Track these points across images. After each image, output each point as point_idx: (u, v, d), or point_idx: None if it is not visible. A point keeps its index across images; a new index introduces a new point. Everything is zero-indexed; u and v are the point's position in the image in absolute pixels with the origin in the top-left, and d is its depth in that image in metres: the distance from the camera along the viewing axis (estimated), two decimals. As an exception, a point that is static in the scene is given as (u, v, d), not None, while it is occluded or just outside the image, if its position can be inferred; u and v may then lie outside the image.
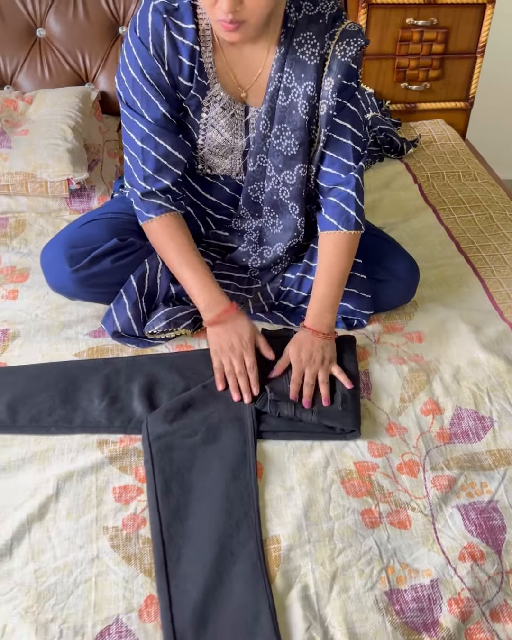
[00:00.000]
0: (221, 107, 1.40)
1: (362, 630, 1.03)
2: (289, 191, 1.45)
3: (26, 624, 1.02)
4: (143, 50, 1.32)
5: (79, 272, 1.46)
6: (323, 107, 1.36)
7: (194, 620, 1.02)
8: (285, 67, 1.34)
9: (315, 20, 1.31)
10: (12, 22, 2.11)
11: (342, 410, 1.31)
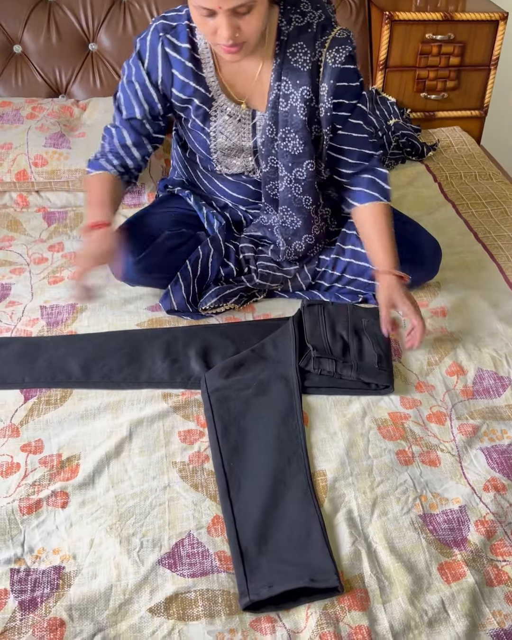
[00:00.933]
0: (227, 115, 1.57)
1: (401, 545, 1.19)
2: (301, 186, 1.61)
3: (111, 537, 1.19)
4: (137, 63, 1.54)
5: (141, 263, 1.64)
6: (322, 110, 1.52)
7: (255, 535, 1.18)
8: (282, 75, 1.50)
9: (304, 31, 1.47)
10: (67, 37, 2.33)
11: (378, 368, 1.47)
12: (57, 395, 1.45)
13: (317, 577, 1.12)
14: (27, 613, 1.09)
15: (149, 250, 1.65)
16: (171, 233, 1.69)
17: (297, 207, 1.65)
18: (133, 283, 1.72)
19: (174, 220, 1.73)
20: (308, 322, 1.58)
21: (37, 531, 1.20)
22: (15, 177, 1.99)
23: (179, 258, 1.67)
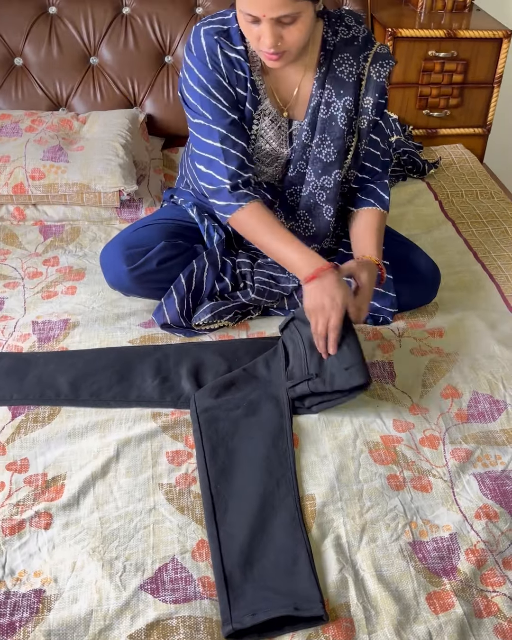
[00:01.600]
0: (270, 119, 1.59)
1: (389, 573, 1.16)
2: (326, 194, 1.63)
3: (94, 560, 1.17)
4: (202, 67, 1.50)
5: (135, 271, 1.62)
6: (364, 122, 1.57)
7: (241, 560, 1.16)
8: (325, 84, 1.54)
9: (350, 43, 1.52)
10: (68, 50, 2.33)
11: (346, 371, 1.41)
12: (45, 412, 1.43)
13: (302, 605, 1.10)
14: (5, 638, 1.07)
15: (143, 260, 1.63)
16: (167, 244, 1.67)
17: (315, 215, 1.66)
18: (127, 292, 1.71)
19: (172, 232, 1.72)
20: (288, 341, 1.55)
21: (19, 553, 1.18)
22: (12, 190, 1.98)
23: (173, 269, 1.66)
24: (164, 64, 2.38)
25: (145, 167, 2.22)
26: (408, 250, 1.75)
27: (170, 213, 1.79)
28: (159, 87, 2.37)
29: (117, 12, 2.33)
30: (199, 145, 1.57)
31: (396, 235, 1.80)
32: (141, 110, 2.39)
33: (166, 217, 1.77)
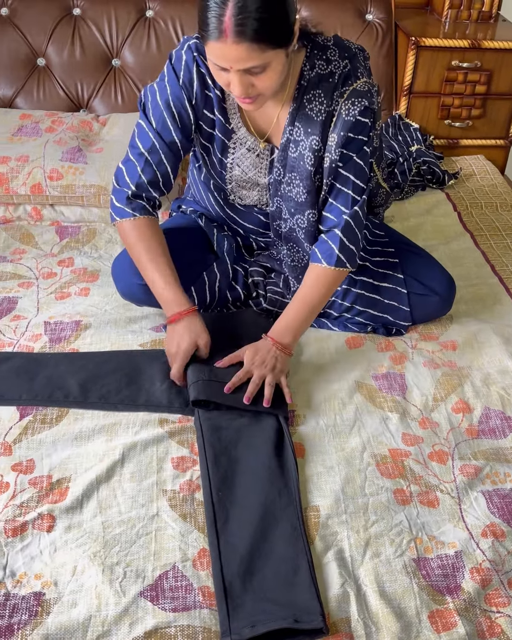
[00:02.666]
0: (246, 149, 1.54)
1: (392, 589, 1.15)
2: (303, 232, 1.58)
3: (94, 565, 1.16)
4: (173, 80, 1.47)
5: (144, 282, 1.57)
6: (327, 160, 1.47)
7: (241, 570, 1.15)
8: (295, 121, 1.46)
9: (326, 79, 1.42)
10: (91, 52, 2.34)
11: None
12: (53, 414, 1.43)
13: (302, 617, 1.09)
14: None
15: None
16: (178, 255, 1.64)
17: (299, 247, 1.63)
18: (138, 303, 1.70)
19: (183, 242, 1.70)
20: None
21: (21, 555, 1.18)
22: (30, 190, 1.99)
23: (184, 280, 1.63)
24: (186, 67, 2.37)
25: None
26: (424, 263, 1.73)
27: (180, 222, 1.77)
28: (180, 90, 2.37)
29: (141, 15, 2.34)
30: (131, 142, 1.54)
31: (412, 247, 1.77)
32: (161, 113, 2.38)
33: (176, 227, 1.75)
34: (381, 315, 1.67)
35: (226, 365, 1.48)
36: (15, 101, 2.35)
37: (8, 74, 2.34)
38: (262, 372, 1.45)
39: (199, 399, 1.42)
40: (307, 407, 1.47)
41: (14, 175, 1.99)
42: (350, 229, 1.50)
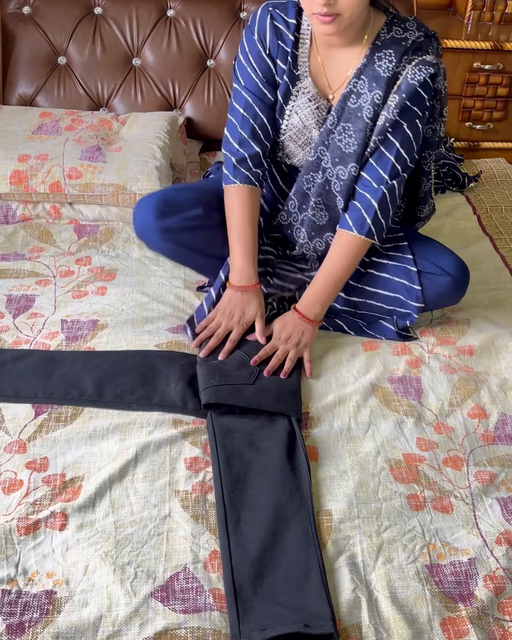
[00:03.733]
0: (308, 98, 1.57)
1: (404, 595, 1.14)
2: (340, 185, 1.58)
3: (106, 565, 1.16)
4: (249, 37, 1.57)
5: (163, 226, 1.64)
6: (382, 118, 1.50)
7: (252, 573, 1.15)
8: (362, 75, 1.50)
9: (399, 42, 1.48)
10: (111, 51, 2.34)
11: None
12: (68, 412, 1.43)
13: (312, 622, 1.08)
14: (13, 637, 1.07)
15: (173, 220, 1.64)
16: (203, 214, 1.67)
17: (328, 204, 1.63)
18: (150, 245, 1.73)
19: (212, 202, 1.70)
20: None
21: (33, 553, 1.18)
22: (49, 188, 2.00)
23: (199, 235, 1.68)
24: (205, 67, 2.38)
25: (182, 169, 2.22)
26: (434, 246, 1.71)
27: (212, 184, 1.78)
28: (199, 90, 2.37)
29: (162, 14, 2.34)
30: (230, 109, 1.63)
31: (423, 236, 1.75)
32: (181, 113, 2.39)
33: (210, 187, 1.76)
34: (393, 295, 1.65)
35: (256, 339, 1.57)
36: (35, 99, 2.36)
37: (29, 73, 2.35)
38: (287, 347, 1.54)
39: (210, 402, 1.42)
40: (321, 410, 1.47)
41: (33, 173, 2.00)
42: (385, 202, 1.54)
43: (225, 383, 1.44)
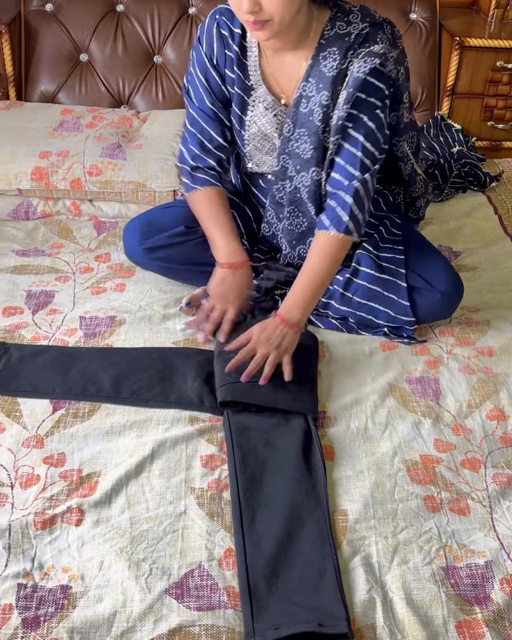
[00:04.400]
0: (264, 107, 1.57)
1: (419, 597, 1.13)
2: (306, 192, 1.58)
3: (121, 561, 1.17)
4: (197, 48, 1.57)
5: (146, 246, 1.71)
6: (335, 117, 1.48)
7: (266, 571, 1.15)
8: (309, 77, 1.49)
9: (342, 38, 1.44)
10: (133, 48, 2.35)
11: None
12: (85, 408, 1.44)
13: (327, 622, 1.08)
14: (29, 631, 1.08)
15: (156, 240, 1.71)
16: (185, 230, 1.71)
17: (302, 211, 1.63)
18: (140, 265, 1.79)
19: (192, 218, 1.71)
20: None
21: (49, 547, 1.19)
22: (70, 185, 2.01)
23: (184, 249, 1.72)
24: (227, 65, 2.37)
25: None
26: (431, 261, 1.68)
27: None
28: (220, 88, 2.37)
29: (183, 12, 2.34)
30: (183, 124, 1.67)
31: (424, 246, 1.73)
32: (201, 110, 2.38)
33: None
34: (383, 310, 1.64)
35: (234, 348, 1.48)
36: (57, 96, 2.38)
37: (51, 70, 2.36)
38: (266, 350, 1.46)
39: (226, 400, 1.42)
40: (338, 409, 1.46)
41: (54, 170, 2.01)
42: (359, 197, 1.49)
43: (241, 380, 1.44)
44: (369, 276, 1.65)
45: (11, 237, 1.98)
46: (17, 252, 1.92)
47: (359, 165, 1.48)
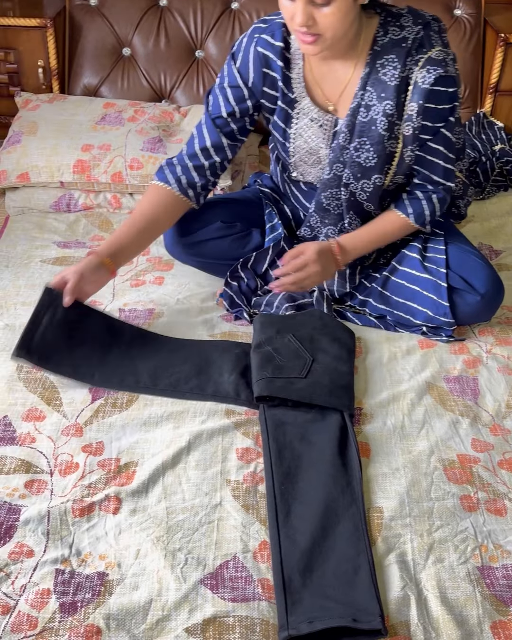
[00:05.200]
0: (309, 119, 1.56)
1: (454, 596, 1.13)
2: (366, 196, 1.59)
3: (157, 550, 1.18)
4: (230, 63, 1.56)
5: (185, 242, 1.71)
6: (408, 128, 1.47)
7: (301, 565, 1.15)
8: (367, 85, 1.47)
9: (398, 44, 1.43)
10: (175, 43, 2.36)
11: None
12: (124, 398, 1.46)
13: (361, 617, 1.08)
14: (66, 616, 1.09)
15: (194, 235, 1.71)
16: (222, 225, 1.72)
17: (358, 210, 1.64)
18: (179, 260, 1.79)
19: (234, 213, 1.76)
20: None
21: (87, 535, 1.21)
22: (111, 178, 2.03)
23: (221, 246, 1.73)
24: (268, 60, 2.37)
25: (241, 162, 2.23)
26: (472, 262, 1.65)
27: (241, 195, 1.84)
28: (261, 83, 2.37)
29: (226, 7, 2.35)
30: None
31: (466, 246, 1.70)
32: (242, 105, 2.39)
33: (235, 198, 1.83)
34: (422, 310, 1.63)
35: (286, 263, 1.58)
36: (100, 90, 2.40)
37: (94, 63, 2.38)
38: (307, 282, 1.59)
39: (263, 395, 1.42)
40: (374, 406, 1.46)
41: (96, 163, 2.03)
42: (444, 202, 1.60)
43: (278, 376, 1.44)
44: (409, 275, 1.65)
45: (53, 229, 2.01)
46: (59, 243, 1.94)
47: (444, 173, 1.55)
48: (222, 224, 1.73)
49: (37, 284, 1.77)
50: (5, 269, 1.83)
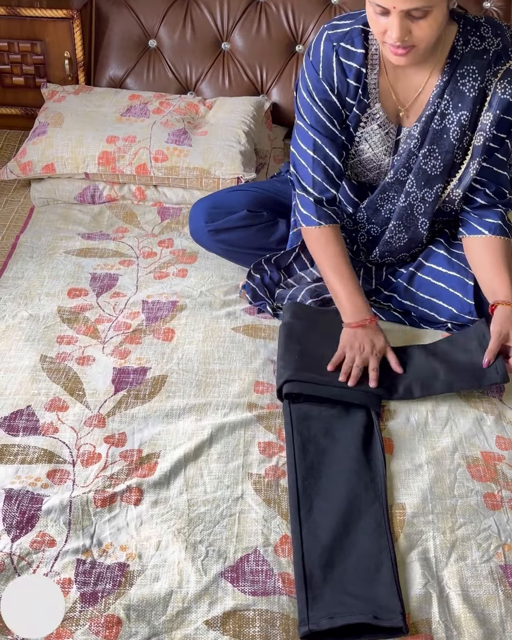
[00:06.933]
0: (377, 124, 1.54)
1: (476, 594, 1.12)
2: (424, 207, 1.57)
3: (178, 542, 1.18)
4: (314, 75, 1.51)
5: (211, 228, 1.72)
6: (480, 138, 1.47)
7: (322, 561, 1.15)
8: (445, 94, 1.46)
9: (480, 56, 1.42)
10: (201, 35, 2.35)
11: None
12: (146, 390, 1.46)
13: (382, 614, 1.08)
14: (87, 606, 1.10)
15: (220, 223, 1.72)
16: (250, 213, 1.72)
17: (408, 226, 1.61)
18: (203, 246, 1.80)
19: (261, 202, 1.76)
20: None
21: (108, 525, 1.21)
22: (136, 170, 2.03)
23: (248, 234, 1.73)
24: (294, 53, 2.36)
25: (266, 155, 2.22)
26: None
27: (271, 184, 1.84)
28: (287, 76, 2.36)
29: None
30: (295, 146, 1.59)
31: None
32: (267, 98, 2.37)
33: (264, 187, 1.83)
34: (447, 307, 1.61)
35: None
36: (125, 81, 2.39)
37: (120, 55, 2.38)
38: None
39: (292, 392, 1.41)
40: (398, 403, 1.45)
41: (120, 155, 2.03)
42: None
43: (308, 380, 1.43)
44: (435, 272, 1.63)
45: (77, 220, 2.01)
46: (83, 235, 1.95)
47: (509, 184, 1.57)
48: (249, 212, 1.73)
49: (61, 275, 1.78)
50: (29, 260, 1.84)
